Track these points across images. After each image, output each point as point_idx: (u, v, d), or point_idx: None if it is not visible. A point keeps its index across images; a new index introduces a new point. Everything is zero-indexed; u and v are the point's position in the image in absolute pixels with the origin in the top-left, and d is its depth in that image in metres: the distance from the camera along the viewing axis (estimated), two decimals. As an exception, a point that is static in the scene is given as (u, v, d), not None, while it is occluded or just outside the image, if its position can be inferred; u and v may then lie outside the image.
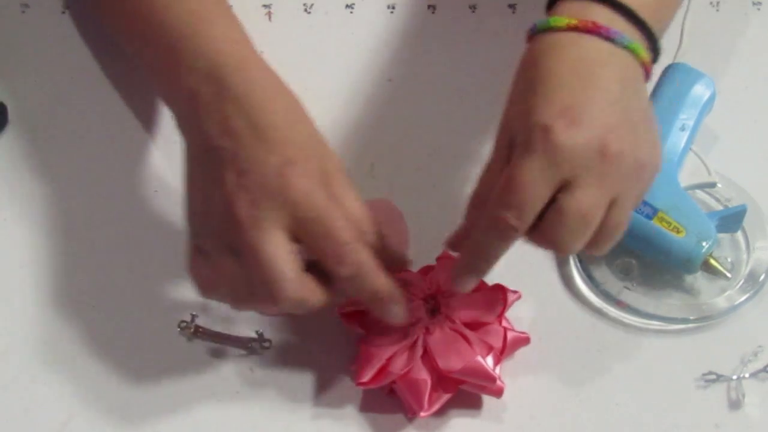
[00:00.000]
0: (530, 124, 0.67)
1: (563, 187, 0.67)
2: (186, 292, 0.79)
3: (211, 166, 0.70)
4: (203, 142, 0.71)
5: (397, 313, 0.72)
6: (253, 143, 0.70)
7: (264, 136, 0.70)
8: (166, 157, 0.85)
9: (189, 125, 0.73)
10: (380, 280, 0.70)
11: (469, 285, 0.72)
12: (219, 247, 0.70)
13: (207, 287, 0.72)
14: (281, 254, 0.68)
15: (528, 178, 0.66)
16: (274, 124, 0.71)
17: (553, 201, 0.67)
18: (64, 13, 0.93)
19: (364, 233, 0.71)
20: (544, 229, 0.68)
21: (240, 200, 0.69)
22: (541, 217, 0.68)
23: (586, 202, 0.67)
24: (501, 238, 0.69)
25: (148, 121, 0.87)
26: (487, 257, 0.70)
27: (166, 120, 0.86)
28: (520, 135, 0.68)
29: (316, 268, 0.70)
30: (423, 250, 0.80)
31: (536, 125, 0.67)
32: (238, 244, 0.69)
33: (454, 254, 0.74)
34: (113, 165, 0.85)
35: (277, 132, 0.71)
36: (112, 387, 0.76)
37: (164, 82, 0.76)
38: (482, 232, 0.69)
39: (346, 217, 0.70)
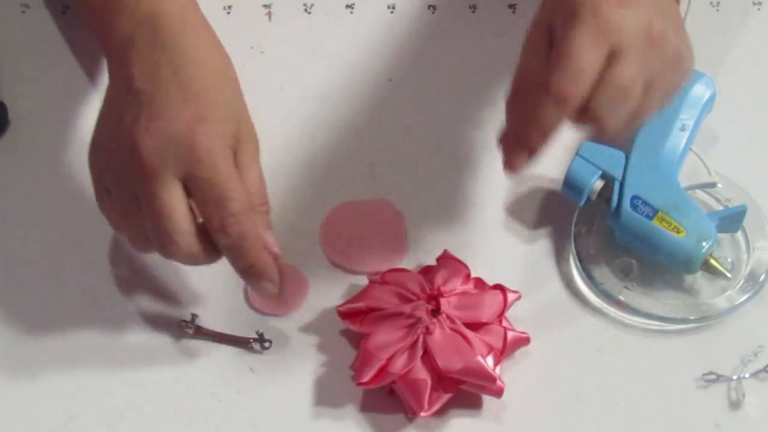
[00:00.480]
0: (577, 4, 0.67)
1: (609, 61, 0.67)
2: (186, 292, 0.79)
3: (126, 107, 0.71)
4: (127, 84, 0.72)
5: (267, 289, 0.72)
6: (172, 92, 0.71)
7: (185, 88, 0.71)
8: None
9: (119, 69, 0.74)
10: (258, 257, 0.71)
11: (520, 161, 0.69)
12: (121, 190, 0.71)
13: (115, 225, 0.74)
14: (178, 206, 0.70)
15: (579, 45, 0.67)
16: (198, 79, 0.71)
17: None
18: (64, 13, 0.93)
19: (255, 207, 0.72)
20: (588, 104, 0.67)
21: (145, 146, 0.69)
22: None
23: (629, 74, 0.67)
24: (557, 107, 0.67)
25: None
26: (542, 128, 0.68)
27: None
28: (563, 17, 0.68)
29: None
30: (423, 250, 0.80)
31: (584, 3, 0.67)
32: (139, 191, 0.70)
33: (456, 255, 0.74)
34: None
35: (200, 87, 0.71)
36: (112, 387, 0.76)
37: (104, 24, 0.76)
38: (536, 105, 0.68)
39: (242, 188, 0.70)
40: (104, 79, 0.88)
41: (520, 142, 0.69)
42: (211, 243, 0.71)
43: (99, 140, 0.73)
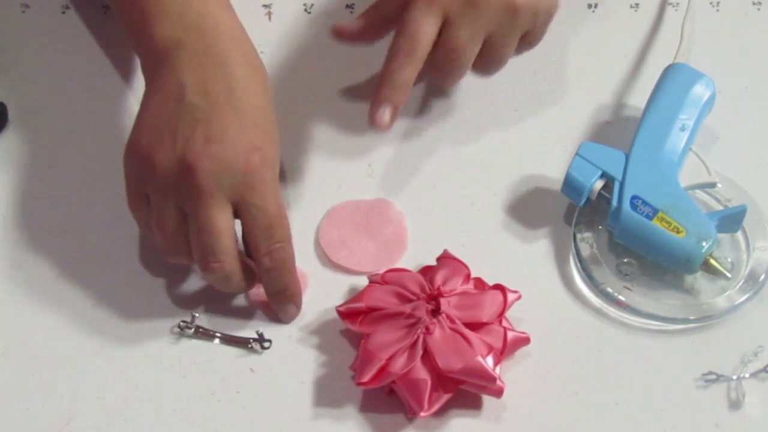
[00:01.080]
0: None
1: (445, 27, 0.77)
2: (186, 292, 0.79)
3: (179, 118, 0.73)
4: (178, 92, 0.73)
5: (291, 312, 0.77)
6: (228, 114, 0.73)
7: (240, 110, 0.73)
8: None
9: (163, 73, 0.74)
10: (293, 282, 0.76)
11: (384, 116, 0.78)
12: (167, 202, 0.73)
13: (146, 227, 0.75)
14: (227, 228, 0.73)
15: (413, 15, 0.77)
16: (249, 102, 0.74)
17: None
18: (64, 13, 0.93)
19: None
20: (431, 61, 0.78)
21: (203, 167, 0.71)
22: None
23: (461, 39, 0.77)
24: (408, 64, 0.77)
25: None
26: (395, 85, 0.78)
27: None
28: None
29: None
30: (423, 250, 0.80)
31: None
32: (188, 207, 0.72)
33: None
34: (114, 165, 0.85)
35: (252, 111, 0.74)
36: (112, 387, 0.76)
37: (146, 25, 0.76)
38: (394, 62, 0.78)
39: (287, 216, 0.74)
40: (104, 79, 0.89)
41: (385, 95, 0.78)
42: (246, 269, 0.75)
43: (141, 144, 0.74)
